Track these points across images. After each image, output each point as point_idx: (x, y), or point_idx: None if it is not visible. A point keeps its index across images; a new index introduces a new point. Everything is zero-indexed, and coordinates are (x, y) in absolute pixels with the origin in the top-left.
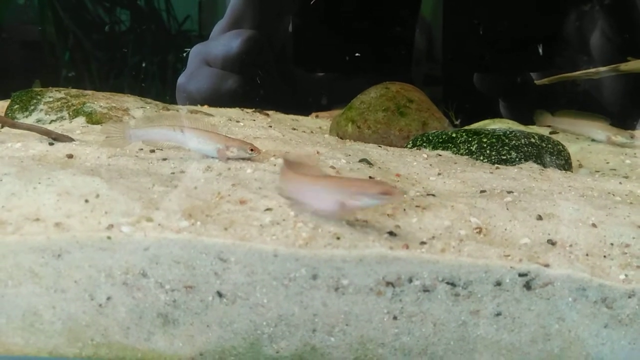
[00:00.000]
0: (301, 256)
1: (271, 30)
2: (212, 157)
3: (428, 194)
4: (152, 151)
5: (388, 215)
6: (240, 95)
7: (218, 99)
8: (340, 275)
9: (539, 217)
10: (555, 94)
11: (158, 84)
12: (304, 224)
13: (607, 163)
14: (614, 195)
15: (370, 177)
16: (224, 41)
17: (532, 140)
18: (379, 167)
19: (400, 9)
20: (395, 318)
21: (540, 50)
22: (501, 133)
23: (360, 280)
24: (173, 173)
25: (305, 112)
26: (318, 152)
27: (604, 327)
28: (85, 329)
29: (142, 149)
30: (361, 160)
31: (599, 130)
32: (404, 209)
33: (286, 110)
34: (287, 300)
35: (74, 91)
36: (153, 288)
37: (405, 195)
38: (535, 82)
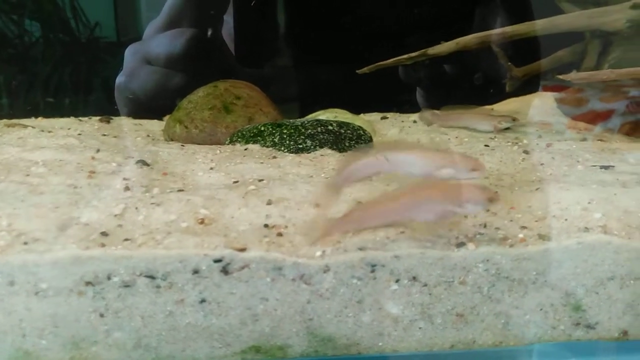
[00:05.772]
0: None
1: (208, 29)
2: None
3: (179, 190)
4: None
5: (116, 215)
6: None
7: (163, 96)
8: (37, 279)
9: (269, 202)
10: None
11: (71, 94)
12: (7, 233)
13: (419, 142)
14: None
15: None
16: (165, 40)
17: (330, 127)
18: (152, 168)
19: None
20: (102, 315)
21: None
22: (299, 123)
23: (59, 283)
24: None
25: None
26: (93, 158)
27: (308, 302)
28: None
29: None
30: (138, 162)
31: (482, 121)
32: (136, 207)
33: None
34: None
35: None
36: None
37: None
38: (357, 71)
